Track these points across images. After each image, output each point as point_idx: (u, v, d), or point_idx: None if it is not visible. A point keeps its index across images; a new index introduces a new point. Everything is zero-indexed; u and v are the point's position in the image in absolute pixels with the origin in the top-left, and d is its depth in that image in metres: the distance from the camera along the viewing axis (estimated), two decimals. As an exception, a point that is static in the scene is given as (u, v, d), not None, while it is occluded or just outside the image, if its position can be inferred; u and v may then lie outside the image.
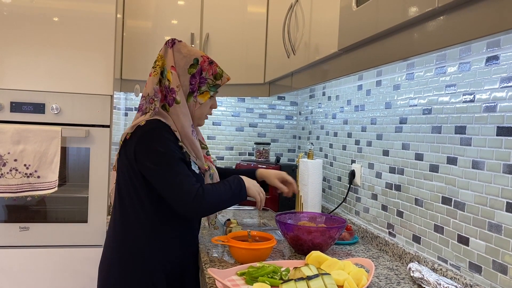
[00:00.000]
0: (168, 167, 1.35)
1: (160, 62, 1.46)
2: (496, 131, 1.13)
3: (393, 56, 1.03)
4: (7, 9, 1.91)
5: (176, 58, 1.45)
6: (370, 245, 1.71)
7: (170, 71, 1.43)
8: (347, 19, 1.23)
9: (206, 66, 1.46)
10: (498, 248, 1.11)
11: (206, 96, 1.48)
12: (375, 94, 1.79)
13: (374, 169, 1.77)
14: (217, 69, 1.48)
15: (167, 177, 1.35)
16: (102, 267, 1.49)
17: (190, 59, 1.45)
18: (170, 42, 1.47)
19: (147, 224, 1.42)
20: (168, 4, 2.36)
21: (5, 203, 1.96)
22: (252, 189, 1.50)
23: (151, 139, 1.37)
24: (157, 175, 1.36)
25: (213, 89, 1.49)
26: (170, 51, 1.46)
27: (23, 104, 1.95)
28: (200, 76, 1.46)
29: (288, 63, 1.87)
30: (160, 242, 1.44)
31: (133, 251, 1.42)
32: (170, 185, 1.34)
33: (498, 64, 1.14)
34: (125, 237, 1.44)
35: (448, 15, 0.81)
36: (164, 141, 1.37)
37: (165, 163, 1.35)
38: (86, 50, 1.99)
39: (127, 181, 1.42)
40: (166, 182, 1.35)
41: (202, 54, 1.47)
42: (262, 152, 2.64)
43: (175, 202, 1.35)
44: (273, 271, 1.21)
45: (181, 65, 1.45)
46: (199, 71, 1.45)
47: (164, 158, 1.35)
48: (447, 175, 1.33)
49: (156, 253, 1.43)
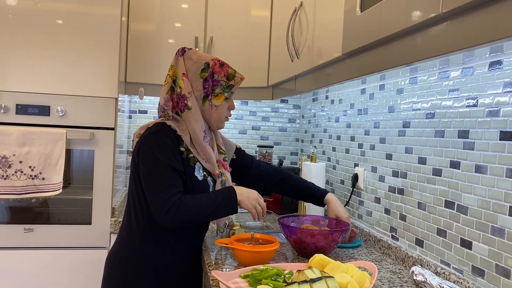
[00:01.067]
0: (157, 174, 1.36)
1: (171, 71, 1.50)
2: (499, 136, 1.14)
3: (396, 61, 1.03)
4: (13, 12, 1.93)
5: (187, 65, 1.47)
6: (373, 248, 1.71)
7: (182, 78, 1.46)
8: (351, 23, 1.24)
9: (217, 68, 1.47)
10: (501, 252, 1.12)
11: (221, 98, 1.48)
12: (378, 98, 1.80)
13: (377, 172, 1.77)
14: (229, 69, 1.48)
15: (153, 183, 1.36)
16: (108, 263, 1.51)
17: (201, 64, 1.46)
18: (180, 51, 1.49)
19: (152, 225, 1.44)
20: (171, 7, 2.37)
21: (10, 205, 1.97)
22: (246, 202, 1.45)
23: (150, 142, 1.40)
24: (146, 180, 1.38)
25: (227, 90, 1.49)
26: (181, 59, 1.48)
27: (29, 107, 1.96)
28: (213, 79, 1.47)
29: (291, 67, 1.88)
30: (164, 244, 1.45)
31: (138, 252, 1.44)
32: (152, 192, 1.36)
33: (501, 69, 1.15)
34: (130, 237, 1.46)
35: (452, 21, 0.82)
36: (161, 145, 1.38)
37: (155, 169, 1.36)
38: (91, 53, 2.01)
39: (135, 181, 1.45)
40: (151, 188, 1.36)
41: (213, 57, 1.48)
42: (265, 155, 2.65)
43: (153, 210, 1.37)
44: (277, 274, 1.22)
45: (193, 70, 1.46)
46: (210, 74, 1.46)
47: (156, 164, 1.37)
48: (450, 179, 1.33)
49: (159, 254, 1.44)
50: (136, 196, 1.45)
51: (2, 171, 1.87)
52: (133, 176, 1.46)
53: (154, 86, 2.37)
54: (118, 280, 1.45)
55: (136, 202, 1.45)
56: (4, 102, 1.94)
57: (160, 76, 2.35)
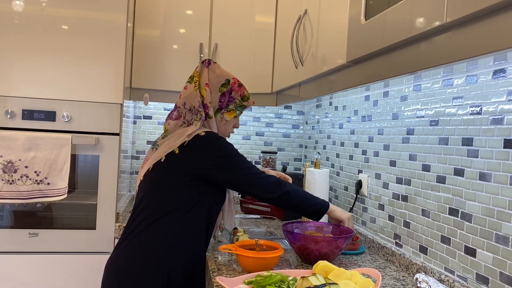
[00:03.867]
0: (251, 165, 1.53)
1: (198, 78, 1.59)
2: (503, 144, 1.14)
3: (400, 69, 1.04)
4: (19, 17, 1.95)
5: (210, 77, 1.59)
6: (376, 255, 1.71)
7: (205, 87, 1.57)
8: (355, 31, 1.25)
9: (236, 87, 1.61)
10: (506, 260, 1.12)
11: (232, 115, 1.62)
12: (382, 104, 1.80)
13: (381, 179, 1.78)
14: (245, 92, 1.63)
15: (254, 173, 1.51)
16: (119, 275, 1.50)
17: (222, 79, 1.60)
18: (207, 62, 1.62)
19: (169, 234, 1.45)
20: (176, 13, 2.39)
21: (15, 209, 1.98)
22: (339, 211, 1.63)
23: (222, 146, 1.50)
24: (244, 174, 1.50)
25: (240, 109, 1.63)
26: (206, 70, 1.60)
27: (35, 112, 1.98)
28: (230, 95, 1.60)
29: (296, 74, 1.89)
30: (178, 253, 1.46)
31: (151, 257, 1.44)
32: (258, 179, 1.51)
33: (505, 77, 1.15)
34: (143, 244, 1.46)
35: (456, 30, 0.83)
36: (231, 146, 1.53)
37: (246, 163, 1.52)
38: (97, 58, 2.02)
39: (169, 190, 1.47)
40: (255, 177, 1.51)
41: (233, 76, 1.63)
42: (269, 161, 2.65)
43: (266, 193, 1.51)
44: (281, 280, 1.22)
45: (214, 83, 1.59)
46: (229, 90, 1.60)
47: (243, 158, 1.53)
48: (454, 186, 1.33)
49: (168, 259, 1.45)
50: (173, 202, 1.47)
51: (7, 175, 1.88)
52: (172, 187, 1.48)
53: (158, 92, 2.38)
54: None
55: (172, 210, 1.47)
56: (10, 107, 1.95)
57: (165, 82, 2.37)
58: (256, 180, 1.51)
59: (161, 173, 1.50)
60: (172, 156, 1.49)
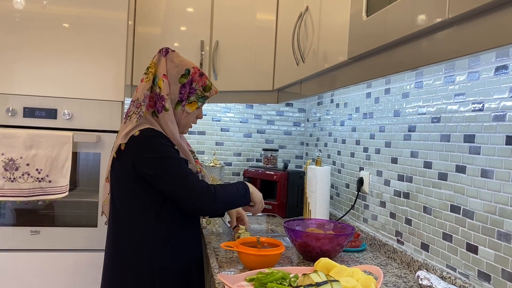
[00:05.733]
0: (177, 170, 1.40)
1: (153, 69, 1.50)
2: (506, 140, 1.14)
3: (402, 66, 1.04)
4: (20, 16, 1.95)
5: (168, 67, 1.50)
6: (378, 252, 1.71)
7: (162, 79, 1.48)
8: (357, 28, 1.24)
9: (196, 77, 1.52)
10: (508, 257, 1.12)
11: (194, 106, 1.54)
12: (383, 101, 1.80)
13: (383, 176, 1.77)
14: (207, 81, 1.55)
15: (178, 179, 1.39)
16: (105, 272, 1.51)
17: (182, 69, 1.50)
18: (164, 51, 1.52)
19: (149, 232, 1.44)
20: (177, 11, 2.39)
21: (16, 207, 1.99)
22: (256, 194, 1.61)
23: (152, 147, 1.40)
24: (166, 180, 1.39)
25: (201, 100, 1.55)
26: (163, 60, 1.50)
27: (36, 110, 1.98)
28: (190, 87, 1.51)
29: (297, 71, 1.89)
30: (164, 248, 1.45)
31: (137, 259, 1.44)
32: (183, 187, 1.39)
33: (507, 73, 1.15)
34: (126, 245, 1.45)
35: (458, 26, 0.82)
36: (164, 147, 1.41)
37: (172, 167, 1.40)
38: (98, 56, 2.02)
39: (127, 191, 1.44)
40: (178, 185, 1.39)
41: (194, 65, 1.53)
42: (270, 159, 2.65)
43: (189, 202, 1.40)
44: (282, 278, 1.22)
45: (173, 74, 1.49)
46: (189, 81, 1.51)
47: (169, 162, 1.40)
48: (455, 183, 1.33)
49: (159, 259, 1.44)
50: (129, 207, 1.44)
51: (9, 173, 1.88)
52: (129, 188, 1.44)
53: (159, 90, 2.38)
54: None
55: (131, 212, 1.44)
56: (11, 105, 1.96)
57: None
58: (186, 185, 1.40)
59: (118, 172, 1.46)
60: (113, 162, 1.47)
